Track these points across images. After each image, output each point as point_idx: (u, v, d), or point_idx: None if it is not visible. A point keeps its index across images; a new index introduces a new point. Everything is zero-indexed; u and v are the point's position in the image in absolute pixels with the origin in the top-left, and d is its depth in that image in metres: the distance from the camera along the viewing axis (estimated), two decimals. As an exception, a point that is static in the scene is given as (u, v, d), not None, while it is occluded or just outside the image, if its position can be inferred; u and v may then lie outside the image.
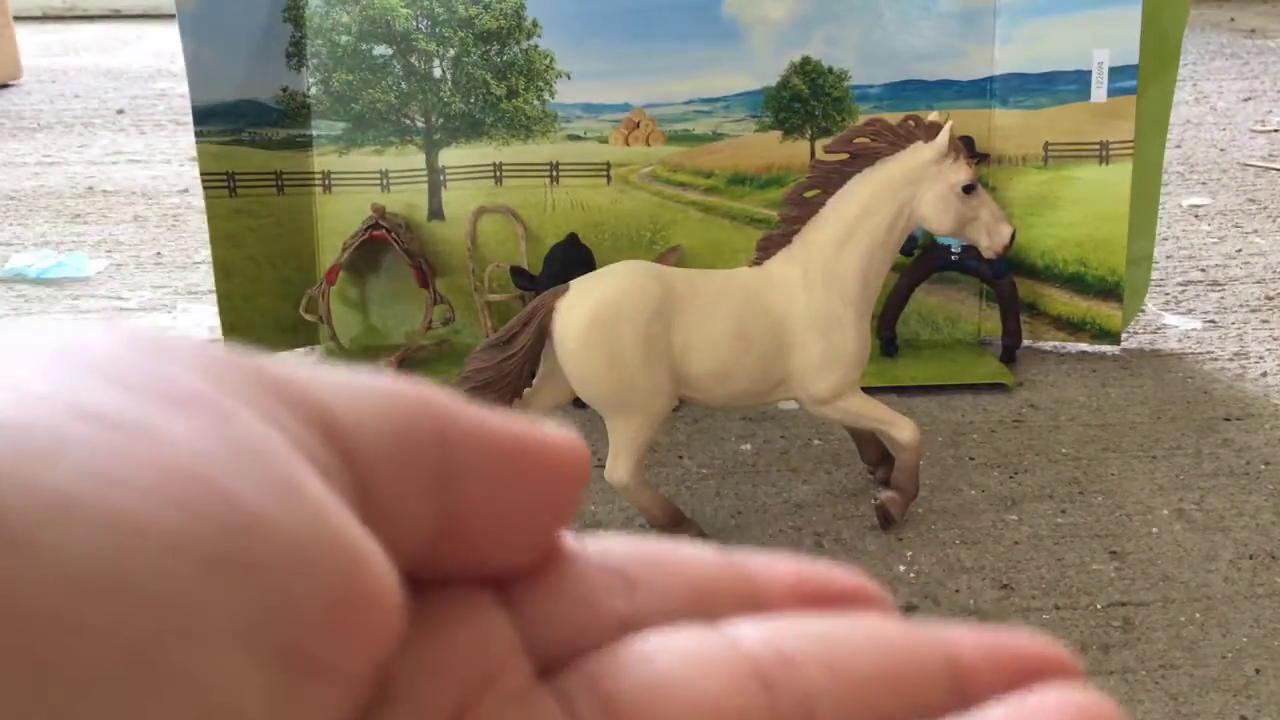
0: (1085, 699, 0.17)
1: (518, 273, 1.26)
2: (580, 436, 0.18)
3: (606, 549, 0.19)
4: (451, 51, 1.36)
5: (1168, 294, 1.53)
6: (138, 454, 0.12)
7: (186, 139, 2.23)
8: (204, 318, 1.47)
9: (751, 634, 0.18)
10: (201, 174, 1.29)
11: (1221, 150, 2.19)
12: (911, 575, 0.96)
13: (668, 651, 0.17)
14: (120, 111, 2.63)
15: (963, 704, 0.18)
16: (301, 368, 0.16)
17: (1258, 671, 0.84)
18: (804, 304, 0.96)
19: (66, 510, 0.11)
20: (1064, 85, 1.33)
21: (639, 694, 0.17)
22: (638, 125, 1.38)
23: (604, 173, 1.38)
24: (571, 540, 0.19)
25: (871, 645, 0.18)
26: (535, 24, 1.34)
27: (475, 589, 0.18)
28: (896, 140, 0.97)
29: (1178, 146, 2.19)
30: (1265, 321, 1.45)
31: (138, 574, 0.12)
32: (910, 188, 0.97)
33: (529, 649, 0.17)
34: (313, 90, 1.35)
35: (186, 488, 0.12)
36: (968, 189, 0.97)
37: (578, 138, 1.37)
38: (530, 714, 0.17)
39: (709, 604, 0.18)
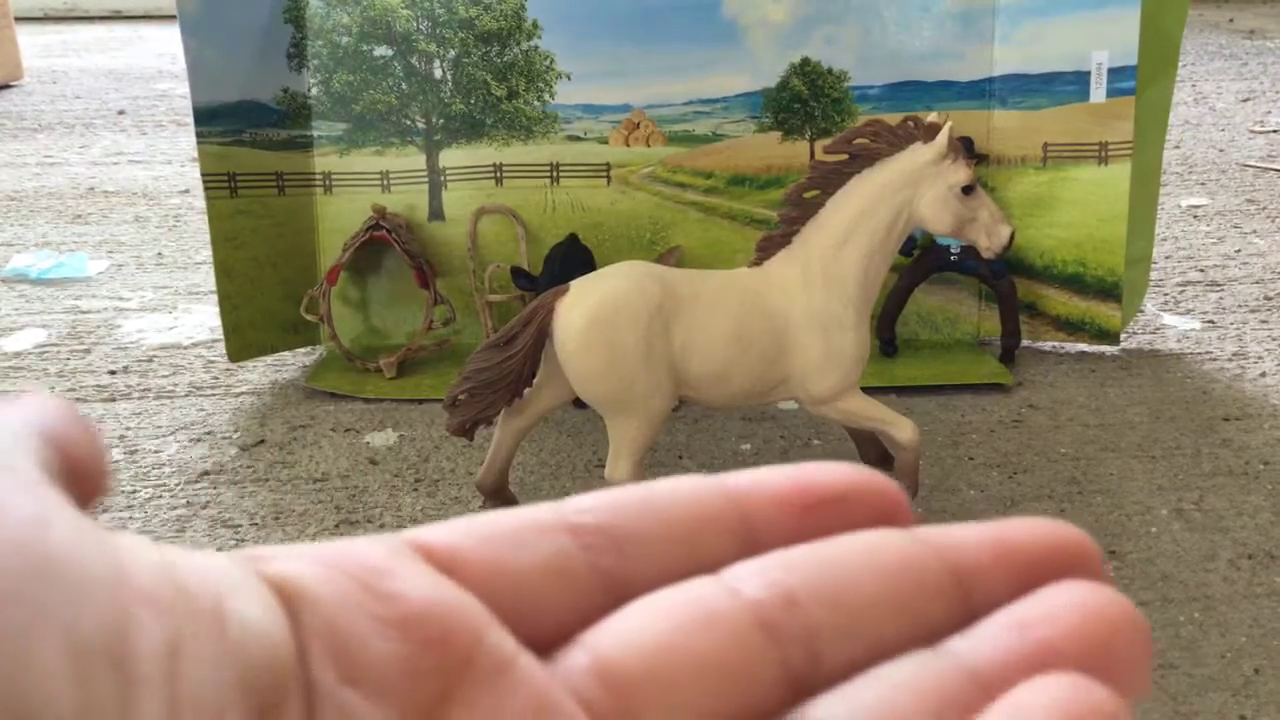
0: (1091, 599, 0.17)
1: (518, 273, 1.26)
2: None
3: (588, 507, 0.18)
4: (452, 52, 1.36)
5: (1167, 294, 1.53)
6: None
7: (187, 140, 2.23)
8: (205, 318, 1.47)
9: (751, 578, 0.17)
10: (202, 175, 1.30)
11: (1220, 151, 2.19)
12: (911, 575, 0.96)
13: (665, 612, 0.17)
14: (121, 112, 2.63)
15: (968, 616, 0.17)
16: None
17: (1256, 671, 0.85)
18: (803, 304, 0.96)
19: None
20: (1063, 86, 1.33)
21: (641, 661, 0.17)
22: (638, 126, 1.38)
23: (604, 173, 1.38)
24: (547, 510, 0.18)
25: (871, 568, 0.17)
26: (535, 25, 1.35)
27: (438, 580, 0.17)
28: (896, 141, 0.97)
29: (1177, 147, 2.19)
30: (1264, 322, 1.45)
31: None
32: (909, 188, 0.97)
33: (518, 627, 0.17)
34: (313, 91, 1.36)
35: None
36: (967, 189, 0.97)
37: (578, 138, 1.38)
38: (518, 690, 0.16)
39: (701, 545, 0.18)
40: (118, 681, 0.14)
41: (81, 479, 0.17)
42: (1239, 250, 1.69)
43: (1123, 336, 1.38)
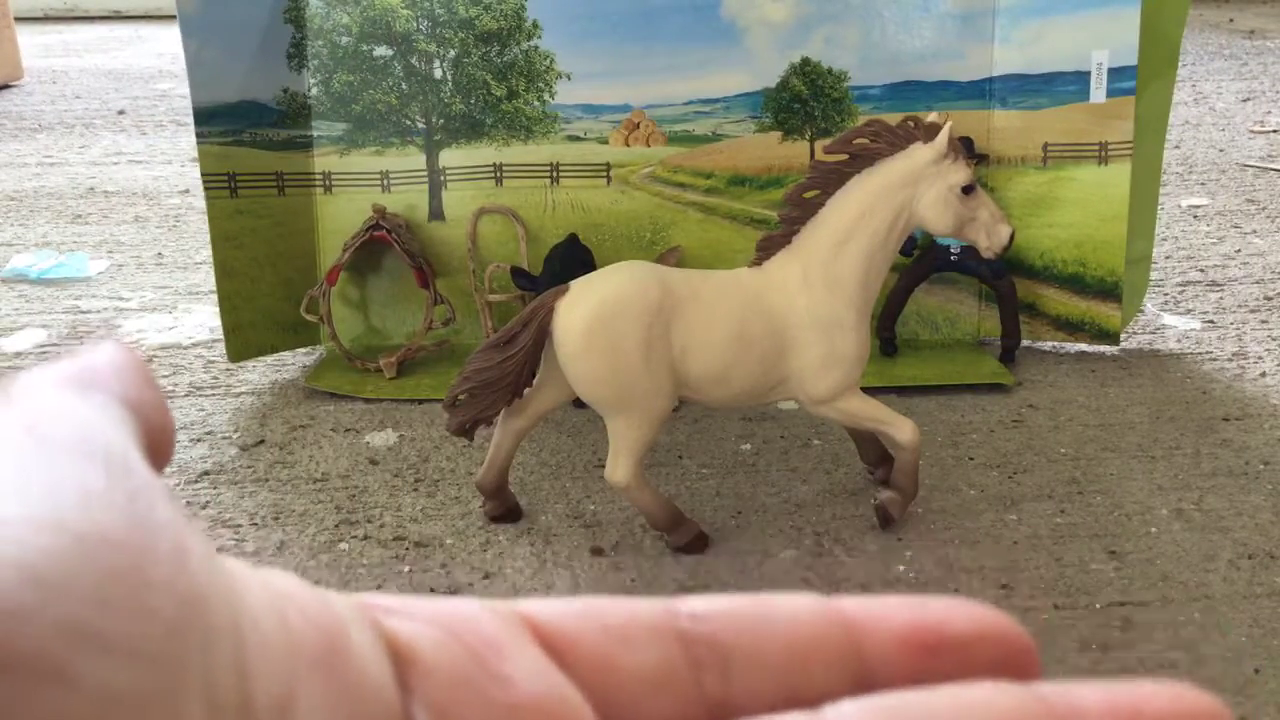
0: None
1: (518, 273, 1.26)
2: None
3: (701, 614, 0.18)
4: (452, 52, 1.36)
5: (1167, 294, 1.53)
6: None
7: (187, 140, 2.23)
8: (205, 318, 1.47)
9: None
10: (202, 175, 1.30)
11: (1220, 151, 2.19)
12: (911, 575, 0.96)
13: None
14: (121, 112, 2.63)
15: None
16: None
17: (1257, 671, 0.85)
18: (804, 305, 0.96)
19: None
20: (1063, 86, 1.33)
21: None
22: (638, 126, 1.38)
23: (604, 173, 1.38)
24: (662, 610, 0.18)
25: None
26: (535, 25, 1.35)
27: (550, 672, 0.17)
28: (896, 141, 0.97)
29: (1177, 147, 2.19)
30: (1264, 322, 1.45)
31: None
32: (909, 188, 0.97)
33: None
34: (313, 91, 1.36)
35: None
36: (967, 189, 0.97)
37: (578, 138, 1.38)
38: None
39: (810, 674, 0.17)
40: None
41: (156, 447, 0.17)
42: (1239, 250, 1.69)
43: (1123, 336, 1.38)
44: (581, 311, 0.92)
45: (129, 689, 0.13)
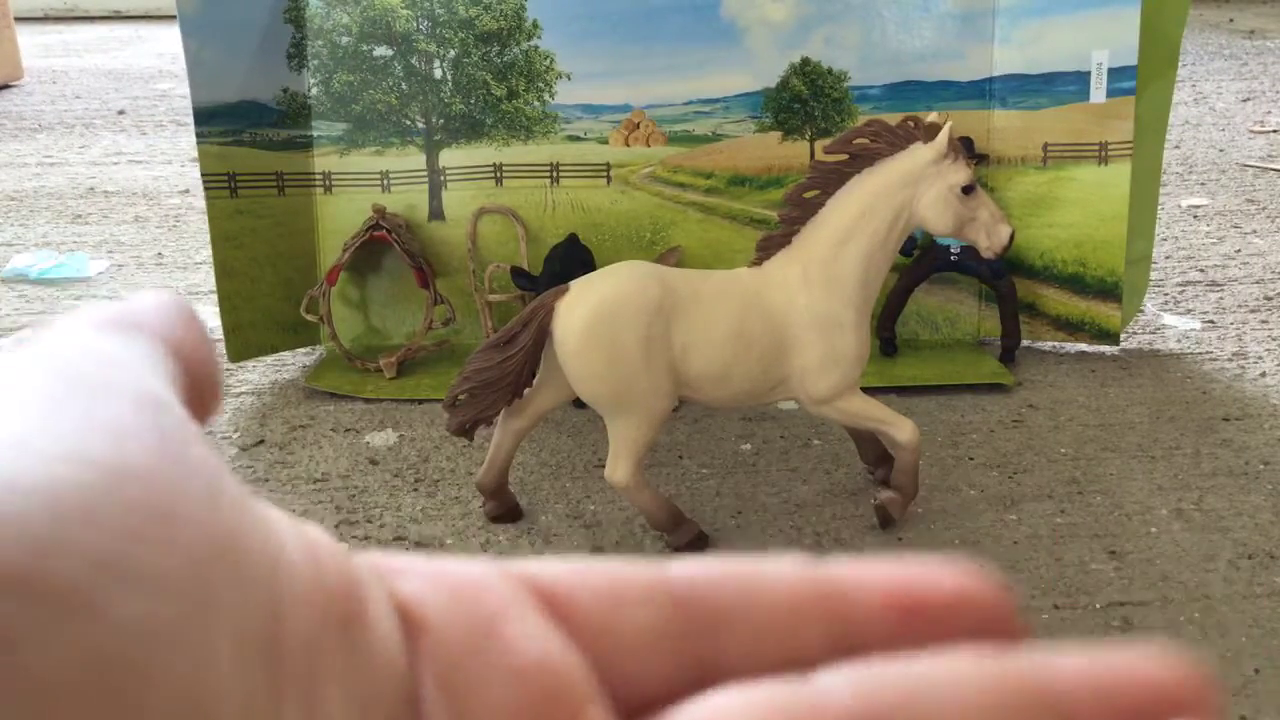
0: None
1: (518, 273, 1.26)
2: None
3: (691, 578, 0.18)
4: (452, 52, 1.36)
5: (1167, 294, 1.53)
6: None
7: (187, 140, 2.23)
8: (205, 318, 1.47)
9: (839, 691, 0.17)
10: (202, 175, 1.30)
11: (1220, 151, 2.19)
12: (911, 575, 0.96)
13: (751, 712, 0.17)
14: (121, 112, 2.63)
15: None
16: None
17: (1257, 671, 0.85)
18: (804, 304, 0.96)
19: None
20: (1063, 86, 1.33)
21: None
22: (638, 126, 1.38)
23: (604, 173, 1.38)
24: (654, 573, 0.18)
25: (967, 696, 0.17)
26: (535, 25, 1.35)
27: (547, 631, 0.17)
28: (896, 141, 0.97)
29: (1177, 147, 2.19)
30: (1264, 322, 1.45)
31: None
32: (909, 188, 0.97)
33: (612, 692, 0.17)
34: (313, 91, 1.36)
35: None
36: (967, 190, 0.97)
37: (578, 138, 1.38)
38: None
39: (797, 636, 0.18)
40: (268, 676, 0.14)
41: (201, 392, 0.16)
42: (1239, 250, 1.69)
43: (1123, 336, 1.38)
44: (581, 311, 0.92)
45: (156, 621, 0.13)
